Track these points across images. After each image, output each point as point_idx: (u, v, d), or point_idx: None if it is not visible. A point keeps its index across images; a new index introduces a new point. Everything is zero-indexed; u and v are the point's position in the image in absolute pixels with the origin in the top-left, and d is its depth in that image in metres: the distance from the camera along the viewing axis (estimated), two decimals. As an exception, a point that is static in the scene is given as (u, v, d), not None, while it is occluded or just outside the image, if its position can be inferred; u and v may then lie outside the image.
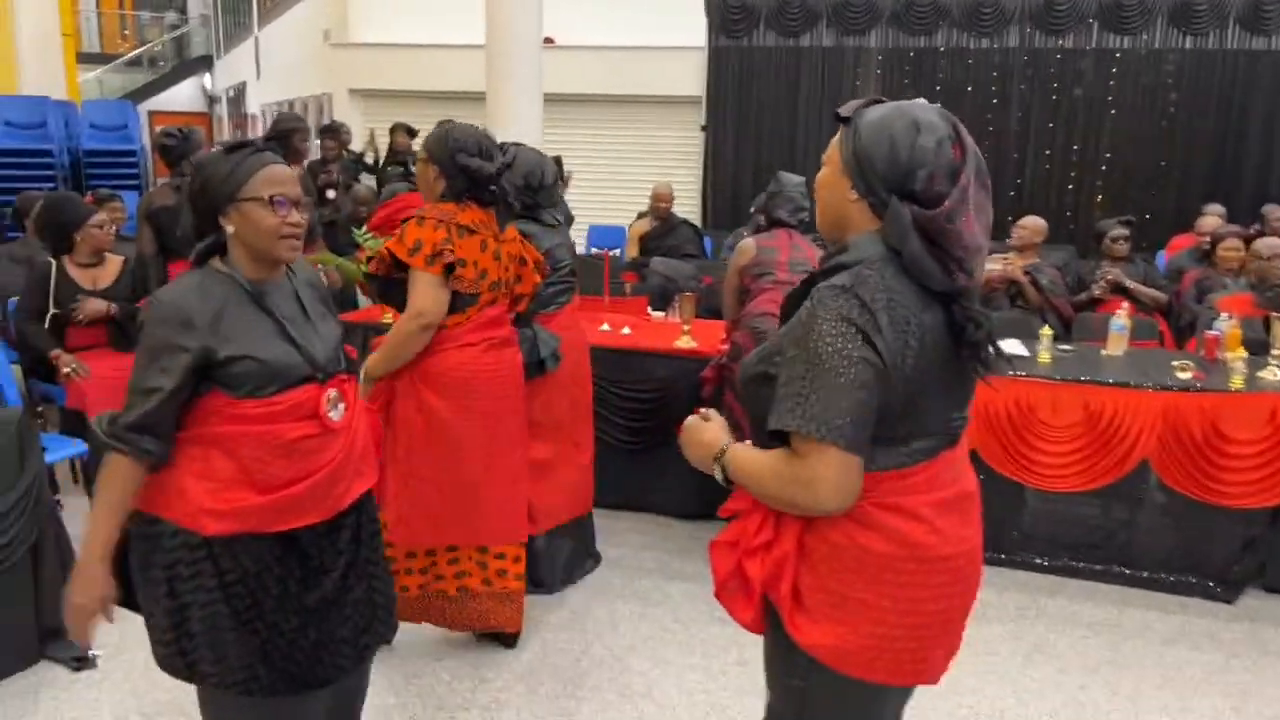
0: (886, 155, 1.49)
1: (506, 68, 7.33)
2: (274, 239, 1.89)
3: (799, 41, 9.77)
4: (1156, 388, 3.77)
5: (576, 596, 3.62)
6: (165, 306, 1.84)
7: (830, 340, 1.42)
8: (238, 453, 1.87)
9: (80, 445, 3.92)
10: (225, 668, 1.92)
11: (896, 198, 1.49)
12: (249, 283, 1.92)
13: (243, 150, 1.91)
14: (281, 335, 1.92)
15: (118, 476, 1.83)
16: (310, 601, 1.99)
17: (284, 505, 1.91)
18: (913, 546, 1.53)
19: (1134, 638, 3.45)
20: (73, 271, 4.45)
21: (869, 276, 1.46)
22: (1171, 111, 9.06)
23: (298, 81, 15.16)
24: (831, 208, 1.60)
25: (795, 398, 1.44)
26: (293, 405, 1.90)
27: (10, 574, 2.94)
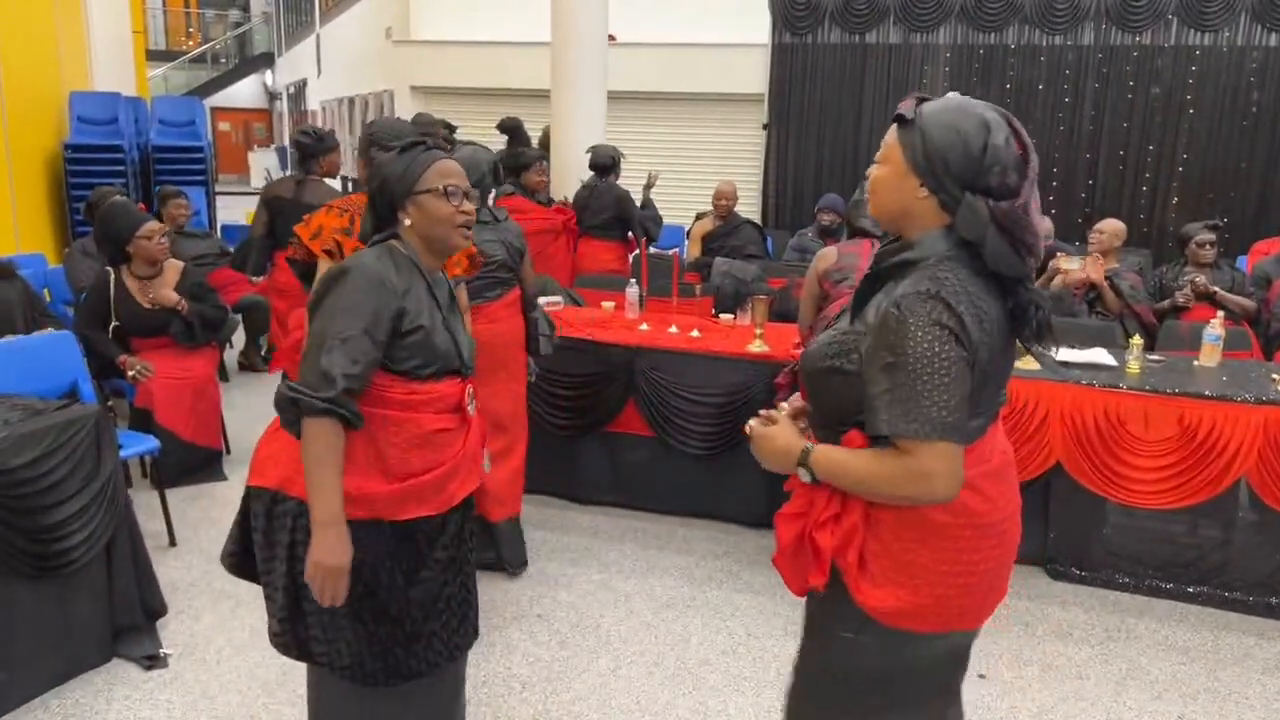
0: (961, 154, 1.56)
1: (571, 65, 7.27)
2: (450, 226, 1.99)
3: (865, 38, 9.60)
4: (1256, 401, 3.59)
5: (646, 608, 3.54)
6: (368, 270, 1.89)
7: (927, 345, 1.50)
8: (377, 437, 1.92)
9: (152, 441, 3.94)
10: (334, 651, 1.98)
11: (969, 193, 1.57)
12: (425, 268, 2.00)
13: (415, 149, 2.02)
14: (443, 323, 2.00)
15: (333, 442, 1.83)
16: (416, 594, 2.02)
17: (409, 494, 1.96)
18: (970, 515, 1.64)
19: (1233, 665, 3.28)
20: (130, 285, 4.46)
21: (946, 278, 1.55)
22: (1254, 111, 8.74)
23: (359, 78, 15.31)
24: (896, 205, 1.65)
25: (903, 403, 1.51)
26: (438, 396, 1.98)
27: (85, 570, 2.94)
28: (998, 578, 1.73)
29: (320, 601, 1.88)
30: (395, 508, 1.95)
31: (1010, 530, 1.72)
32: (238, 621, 3.32)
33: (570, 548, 4.02)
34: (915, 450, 1.52)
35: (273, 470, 1.96)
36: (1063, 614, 3.60)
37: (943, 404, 1.50)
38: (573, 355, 4.33)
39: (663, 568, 3.86)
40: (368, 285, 1.87)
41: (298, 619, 1.98)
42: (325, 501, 1.83)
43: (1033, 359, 3.92)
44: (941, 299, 1.52)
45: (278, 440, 1.97)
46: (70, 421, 2.92)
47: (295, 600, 1.97)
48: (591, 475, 4.46)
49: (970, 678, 3.11)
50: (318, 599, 1.87)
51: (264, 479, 1.98)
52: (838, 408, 1.66)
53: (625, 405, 4.29)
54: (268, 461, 1.98)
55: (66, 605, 2.91)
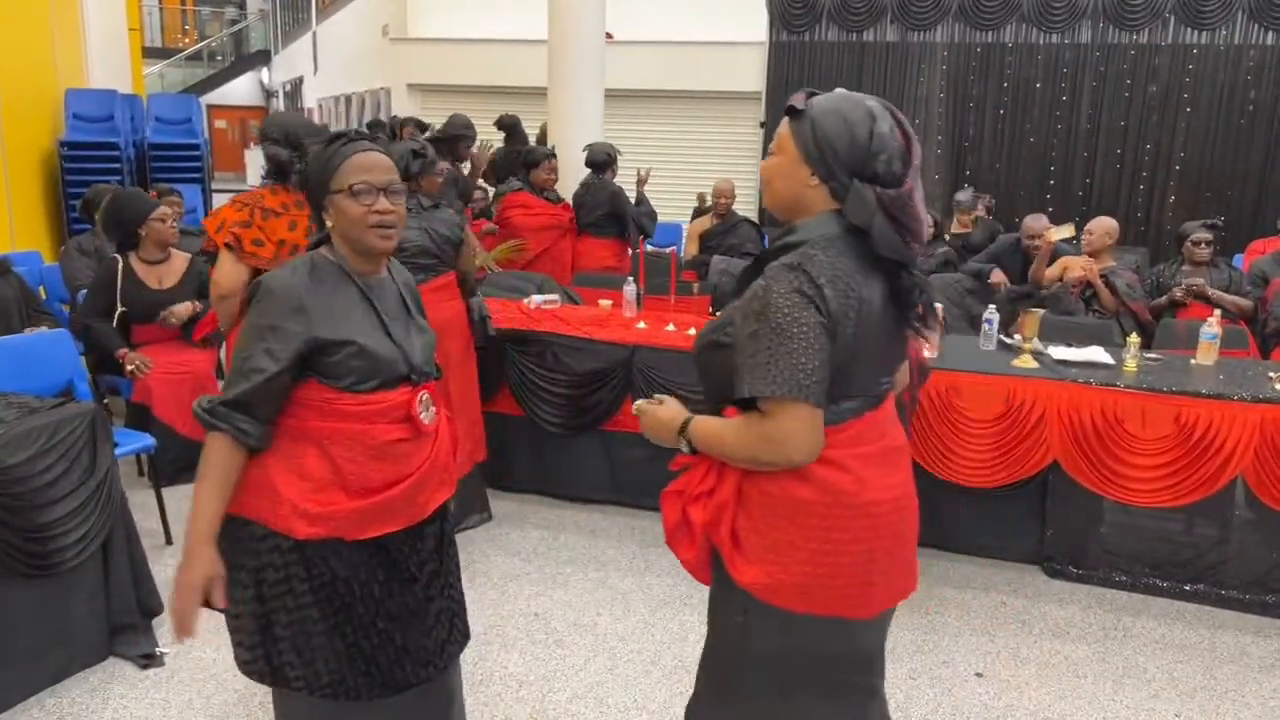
0: (848, 142, 1.62)
1: (569, 63, 7.26)
2: (363, 228, 1.87)
3: (862, 37, 9.60)
4: (1253, 400, 3.59)
5: (643, 606, 3.54)
6: (277, 289, 1.82)
7: (787, 311, 1.57)
8: (332, 452, 1.86)
9: (147, 439, 3.93)
10: (312, 672, 1.92)
11: (857, 180, 1.62)
12: (356, 274, 1.91)
13: (335, 142, 1.90)
14: (383, 330, 1.90)
15: (219, 456, 1.81)
16: (395, 608, 1.97)
17: (375, 510, 1.90)
18: (837, 494, 1.67)
19: (1229, 663, 3.29)
20: (139, 270, 4.50)
21: (815, 255, 1.61)
22: (1250, 110, 8.75)
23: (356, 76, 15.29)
24: (789, 193, 1.71)
25: (763, 366, 1.57)
26: (389, 406, 1.90)
27: (81, 569, 2.93)
28: (879, 565, 1.71)
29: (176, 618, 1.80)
30: (359, 526, 1.88)
31: (887, 516, 1.72)
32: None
33: (567, 546, 4.02)
34: (773, 411, 1.59)
35: (234, 496, 1.87)
36: (1060, 612, 3.60)
37: (798, 366, 1.56)
38: (570, 353, 4.33)
39: (660, 566, 3.85)
40: (273, 305, 1.80)
41: (270, 644, 1.91)
42: (198, 519, 1.79)
43: (1031, 358, 3.94)
44: (804, 270, 1.58)
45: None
46: (66, 419, 2.91)
47: (265, 625, 1.90)
48: (589, 474, 4.45)
49: (967, 676, 3.13)
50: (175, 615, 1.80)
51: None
52: (719, 383, 1.70)
53: (623, 403, 4.29)
54: None
55: (62, 604, 2.91)
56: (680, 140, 10.60)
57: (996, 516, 4.01)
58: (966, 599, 3.68)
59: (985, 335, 4.28)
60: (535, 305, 4.85)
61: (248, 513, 1.87)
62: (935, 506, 3.99)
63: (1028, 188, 9.38)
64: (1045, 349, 4.13)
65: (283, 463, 1.86)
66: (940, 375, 3.83)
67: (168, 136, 9.47)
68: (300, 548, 1.87)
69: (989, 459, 3.83)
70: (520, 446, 4.49)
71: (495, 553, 3.91)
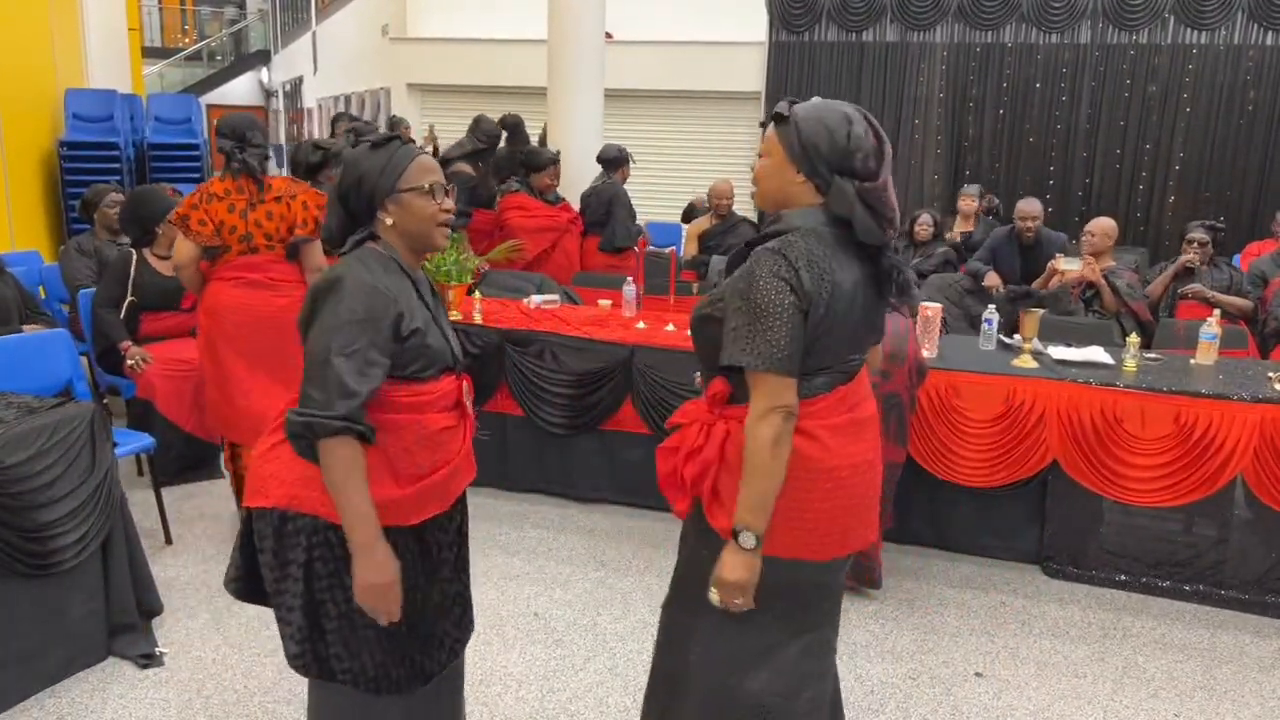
0: (829, 142, 1.83)
1: (569, 63, 7.26)
2: (433, 225, 1.94)
3: (862, 37, 9.59)
4: (1252, 400, 3.59)
5: (644, 606, 3.54)
6: (351, 281, 1.82)
7: (766, 293, 1.78)
8: (385, 443, 1.88)
9: (147, 439, 3.92)
10: (359, 665, 1.95)
11: (838, 176, 1.83)
12: (409, 268, 1.96)
13: (391, 144, 1.95)
14: (434, 321, 1.96)
15: (354, 461, 1.80)
16: (428, 595, 2.02)
17: (421, 497, 1.94)
18: (804, 459, 1.87)
19: (1228, 663, 3.29)
20: (153, 261, 4.63)
21: (795, 241, 1.82)
22: (1250, 110, 8.74)
23: (355, 76, 15.28)
24: (779, 191, 1.91)
25: (745, 339, 1.79)
26: (440, 395, 1.95)
27: (81, 569, 2.93)
28: (839, 521, 1.94)
29: (379, 621, 1.87)
30: (411, 511, 1.93)
31: (849, 480, 1.93)
32: (233, 619, 3.31)
33: (568, 546, 4.02)
34: (756, 384, 1.80)
35: (276, 489, 1.89)
36: (1059, 612, 3.60)
37: (773, 341, 1.77)
38: (570, 353, 4.33)
39: (660, 566, 3.85)
40: (363, 294, 1.80)
41: (318, 638, 1.93)
42: (361, 522, 1.80)
43: (1030, 358, 3.94)
44: (784, 255, 1.80)
45: (277, 458, 1.90)
46: (65, 419, 2.91)
47: (314, 619, 1.92)
48: (589, 473, 4.45)
49: (967, 676, 3.13)
50: (375, 619, 1.87)
51: (267, 498, 1.90)
52: (709, 352, 1.92)
53: (623, 403, 4.28)
54: (270, 481, 1.91)
55: (61, 604, 2.91)
56: (680, 140, 10.59)
57: (996, 516, 4.01)
58: (966, 599, 3.68)
59: (985, 335, 4.28)
60: (535, 305, 4.85)
61: (299, 506, 1.88)
62: (935, 506, 4.03)
63: (1027, 187, 9.36)
64: (1045, 349, 4.14)
65: None
66: (940, 375, 3.83)
67: (167, 136, 9.45)
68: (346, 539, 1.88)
69: (989, 459, 3.83)
70: (520, 446, 4.49)
71: (495, 552, 3.90)
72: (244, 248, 3.71)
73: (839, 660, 3.12)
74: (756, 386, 1.80)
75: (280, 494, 1.89)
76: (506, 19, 10.74)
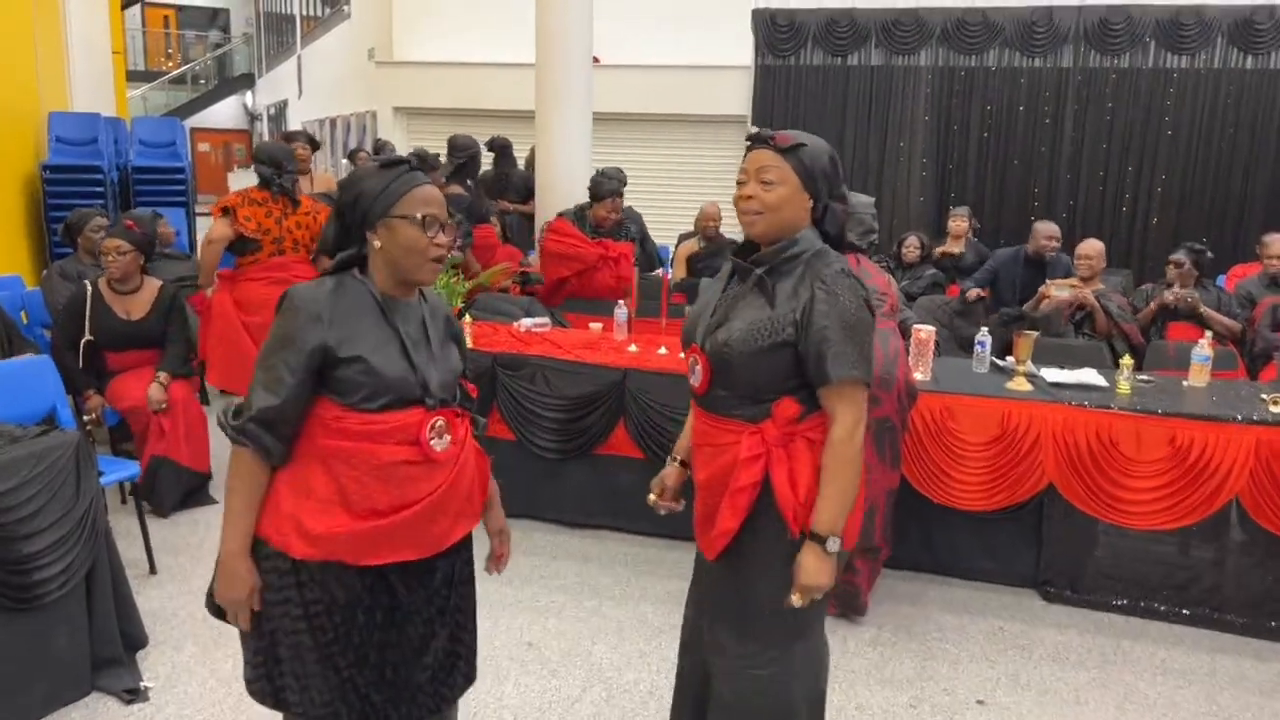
0: (830, 171, 2.05)
1: (556, 87, 7.25)
2: (421, 258, 1.89)
3: (847, 60, 9.65)
4: (1247, 421, 3.59)
5: (639, 635, 3.48)
6: (298, 301, 1.83)
7: (854, 311, 1.96)
8: (336, 470, 1.83)
9: (133, 468, 3.85)
10: (308, 698, 1.88)
11: (831, 200, 2.07)
12: (381, 295, 1.91)
13: (397, 168, 1.91)
14: (400, 351, 1.88)
15: (246, 471, 1.83)
16: (393, 642, 1.93)
17: (379, 536, 1.85)
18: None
19: (1230, 687, 3.26)
20: (108, 297, 4.42)
21: (837, 259, 2.01)
22: (1231, 133, 8.83)
23: (341, 99, 15.28)
24: (795, 218, 2.04)
25: (850, 356, 1.94)
26: (396, 427, 1.86)
27: (64, 601, 2.86)
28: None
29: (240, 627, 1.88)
30: (364, 550, 1.84)
31: None
32: (221, 652, 3.23)
33: (560, 574, 3.96)
34: (850, 392, 1.96)
35: None
36: (1058, 637, 3.57)
37: (867, 356, 1.97)
38: (562, 377, 4.29)
39: (654, 594, 3.80)
40: (293, 316, 1.81)
41: (272, 665, 1.89)
42: (230, 531, 1.83)
43: (1025, 381, 3.92)
44: (850, 275, 1.98)
45: None
46: (49, 449, 2.85)
47: (269, 645, 1.88)
48: (581, 499, 4.40)
49: (969, 704, 3.10)
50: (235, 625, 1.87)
51: None
52: (770, 381, 2.00)
53: (615, 427, 4.24)
54: None
55: (44, 637, 2.83)
56: (667, 163, 10.61)
57: (991, 540, 3.98)
58: (964, 624, 3.64)
59: (978, 358, 4.27)
60: (525, 329, 4.81)
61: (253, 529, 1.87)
62: (930, 531, 3.99)
63: (1011, 210, 9.42)
64: (1038, 371, 4.13)
65: (288, 478, 1.86)
66: (934, 398, 3.82)
67: (151, 160, 9.39)
68: (297, 569, 1.84)
69: (985, 482, 3.80)
70: (511, 471, 4.41)
71: (486, 580, 3.81)
72: (275, 249, 4.66)
73: (837, 688, 3.09)
74: (848, 400, 1.96)
75: None
76: (492, 43, 10.76)
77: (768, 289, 2.02)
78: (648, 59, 10.25)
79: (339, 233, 1.94)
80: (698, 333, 2.10)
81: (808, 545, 1.95)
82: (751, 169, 2.03)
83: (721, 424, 2.07)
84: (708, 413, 2.10)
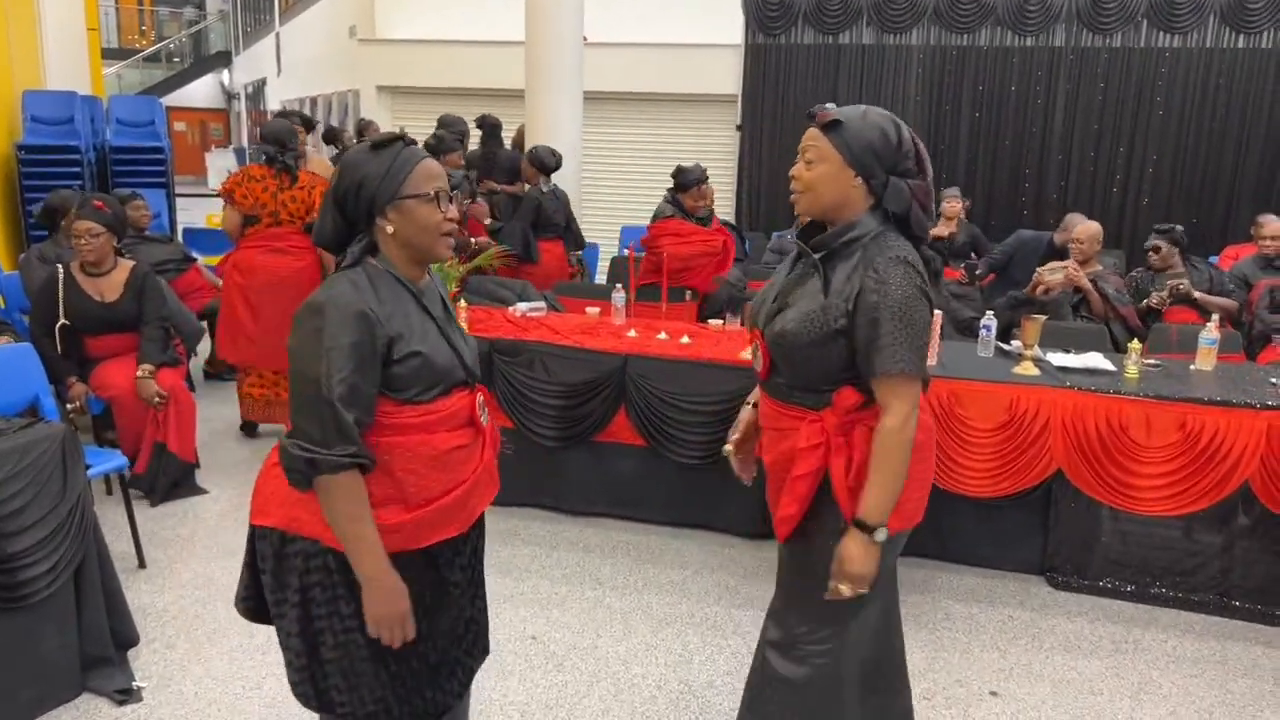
0: (884, 145, 1.93)
1: (546, 66, 7.12)
2: (436, 235, 1.80)
3: (838, 39, 9.53)
4: (1259, 406, 3.54)
5: (644, 626, 3.41)
6: (333, 307, 1.69)
7: (908, 301, 1.87)
8: (392, 466, 1.77)
9: (121, 459, 3.74)
10: (357, 698, 1.83)
11: (892, 177, 1.94)
12: (409, 281, 1.82)
13: (393, 146, 1.80)
14: (441, 336, 1.82)
15: (355, 493, 1.71)
16: (440, 626, 1.90)
17: (433, 519, 1.82)
18: (929, 432, 2.06)
19: (1243, 676, 3.23)
20: (80, 280, 4.29)
21: (898, 245, 1.92)
22: (1223, 113, 8.79)
23: (322, 78, 15.03)
24: (837, 196, 1.97)
25: (900, 347, 1.86)
26: (450, 413, 1.82)
27: (52, 600, 2.75)
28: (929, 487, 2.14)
29: (394, 647, 1.79)
30: (418, 535, 1.81)
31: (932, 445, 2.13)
32: (215, 649, 3.14)
33: (562, 564, 3.88)
34: (900, 386, 1.89)
35: (277, 509, 1.80)
36: (1069, 625, 3.53)
37: (919, 348, 1.89)
38: (561, 363, 4.20)
39: (658, 583, 3.73)
40: (349, 319, 1.68)
41: (316, 667, 1.83)
42: (368, 554, 1.72)
43: (1032, 365, 3.87)
44: (909, 263, 1.89)
45: (278, 477, 1.79)
46: (35, 441, 2.74)
47: (313, 647, 1.81)
48: (581, 486, 4.32)
49: (983, 695, 3.05)
50: (391, 646, 1.78)
51: (268, 517, 1.82)
52: (828, 370, 1.97)
53: (616, 414, 4.16)
54: (271, 500, 1.82)
55: (32, 638, 2.72)
56: (657, 143, 10.47)
57: (998, 527, 3.93)
58: (974, 613, 3.59)
59: (983, 342, 4.21)
60: (521, 313, 4.71)
61: (298, 528, 1.79)
62: (937, 518, 3.91)
63: (1003, 190, 9.37)
64: (1044, 356, 4.07)
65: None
66: (942, 383, 3.75)
67: (130, 139, 9.17)
68: (347, 567, 1.77)
69: (993, 468, 3.75)
70: (509, 459, 4.31)
71: (487, 572, 3.72)
72: (271, 221, 4.85)
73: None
74: (900, 391, 1.89)
75: (281, 515, 1.81)
76: (478, 20, 10.58)
77: (824, 274, 1.98)
78: (636, 37, 10.09)
79: (339, 225, 1.83)
80: (760, 317, 2.09)
81: (852, 533, 1.92)
82: (800, 148, 2.00)
83: (784, 409, 2.06)
84: (770, 397, 2.10)
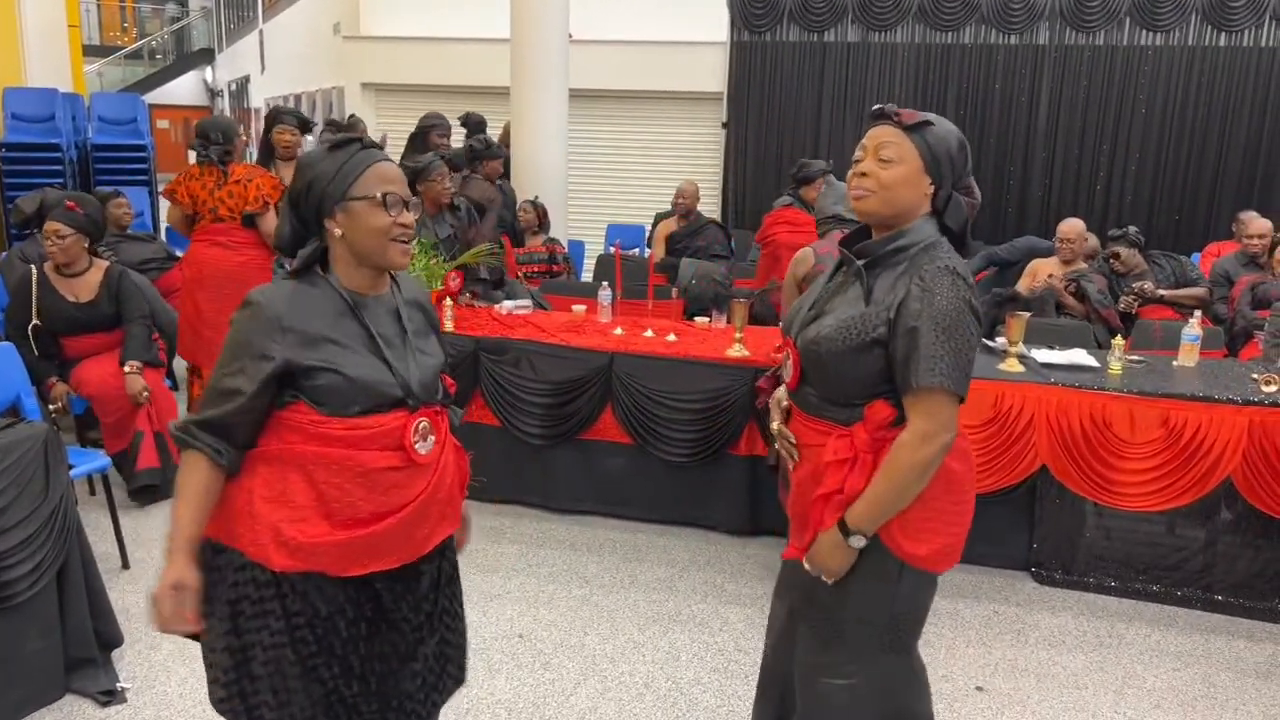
0: (959, 160, 1.89)
1: (532, 63, 7.11)
2: (384, 240, 1.73)
3: (823, 37, 9.54)
4: (1241, 402, 3.57)
5: (631, 624, 3.41)
6: (258, 307, 1.69)
7: (953, 314, 1.77)
8: (316, 477, 1.70)
9: (104, 459, 3.71)
10: (287, 715, 1.77)
11: (955, 191, 1.90)
12: (348, 292, 1.76)
13: (349, 147, 1.75)
14: (374, 352, 1.75)
15: (196, 475, 1.70)
16: (380, 652, 1.82)
17: (362, 545, 1.73)
18: (968, 462, 1.94)
19: (1226, 669, 3.25)
20: (54, 280, 4.22)
21: (948, 255, 1.83)
22: (1204, 111, 8.85)
23: (306, 75, 14.96)
24: (910, 201, 1.87)
25: (934, 359, 1.76)
26: (378, 432, 1.73)
27: (35, 601, 2.73)
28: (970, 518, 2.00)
29: (160, 630, 1.74)
30: (347, 561, 1.72)
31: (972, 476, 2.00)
32: (198, 650, 3.10)
33: (548, 562, 3.88)
34: (936, 402, 1.78)
35: (212, 520, 1.75)
36: (1053, 620, 3.55)
37: (961, 365, 1.78)
38: (547, 361, 4.20)
39: (645, 581, 3.74)
40: (253, 322, 1.68)
41: (246, 682, 1.76)
42: (173, 533, 1.71)
43: (1017, 362, 3.88)
44: (958, 273, 1.79)
45: None
46: (17, 442, 2.72)
47: (243, 661, 1.75)
48: (568, 484, 4.31)
49: (968, 690, 3.06)
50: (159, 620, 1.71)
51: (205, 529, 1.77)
52: (862, 383, 1.86)
53: (602, 412, 4.16)
54: None
55: (14, 640, 2.70)
56: (643, 140, 10.46)
57: (983, 523, 3.88)
58: (959, 609, 3.61)
59: (968, 339, 4.22)
60: (506, 311, 4.70)
61: (225, 538, 1.74)
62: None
63: (986, 187, 9.38)
64: (1029, 352, 4.09)
65: (266, 487, 1.72)
66: (927, 380, 3.76)
67: (112, 137, 9.11)
68: (278, 581, 1.72)
69: (977, 465, 3.74)
70: (495, 457, 4.33)
71: (473, 571, 3.75)
72: (212, 218, 4.92)
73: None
74: (933, 409, 1.79)
75: (214, 525, 1.76)
76: (463, 17, 10.54)
77: (866, 282, 1.87)
78: (621, 34, 10.08)
79: (295, 227, 1.80)
80: (794, 326, 1.99)
81: (833, 529, 1.86)
82: (871, 145, 1.88)
83: (812, 423, 1.96)
84: (799, 411, 2.00)
